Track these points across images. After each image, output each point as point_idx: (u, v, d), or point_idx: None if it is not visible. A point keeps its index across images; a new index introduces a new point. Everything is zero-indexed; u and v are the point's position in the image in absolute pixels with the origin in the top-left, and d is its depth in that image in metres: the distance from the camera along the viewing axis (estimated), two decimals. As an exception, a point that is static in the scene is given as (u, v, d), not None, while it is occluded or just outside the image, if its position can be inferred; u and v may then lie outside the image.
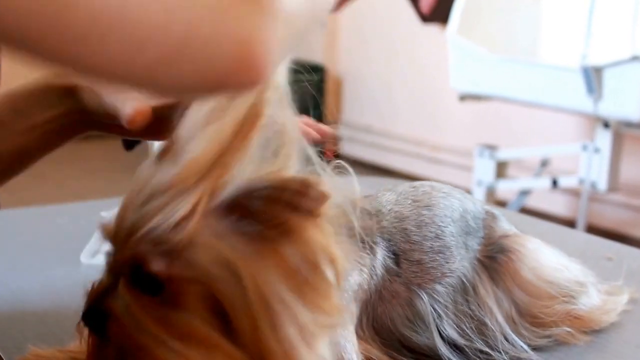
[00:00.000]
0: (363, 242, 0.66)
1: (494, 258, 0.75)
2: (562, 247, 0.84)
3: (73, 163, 4.37)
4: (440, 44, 3.83)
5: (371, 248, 0.68)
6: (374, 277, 0.68)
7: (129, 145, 1.39)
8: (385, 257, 0.70)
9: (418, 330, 0.70)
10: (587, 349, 0.76)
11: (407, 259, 0.71)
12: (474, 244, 0.75)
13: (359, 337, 0.66)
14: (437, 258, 0.72)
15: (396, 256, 0.70)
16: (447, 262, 0.72)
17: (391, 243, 0.70)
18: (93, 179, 3.97)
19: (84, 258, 0.96)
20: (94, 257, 0.96)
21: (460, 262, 0.73)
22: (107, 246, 0.57)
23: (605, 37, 2.91)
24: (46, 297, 0.66)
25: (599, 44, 2.84)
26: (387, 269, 0.69)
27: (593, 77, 2.67)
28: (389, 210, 0.72)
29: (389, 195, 0.75)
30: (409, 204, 0.74)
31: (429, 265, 0.71)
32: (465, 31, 3.11)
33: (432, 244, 0.72)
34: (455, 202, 0.76)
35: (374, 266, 0.68)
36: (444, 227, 0.73)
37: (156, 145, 1.40)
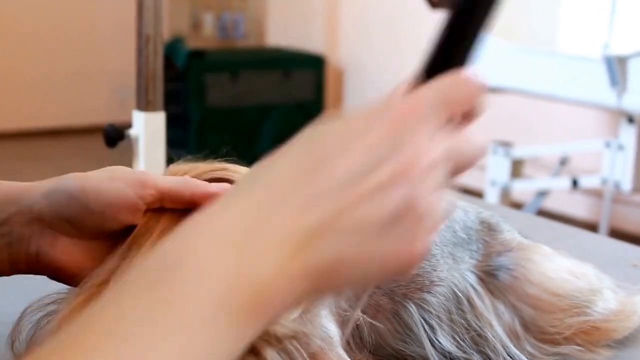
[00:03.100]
0: None
1: (495, 276, 0.75)
2: (582, 252, 0.84)
3: (48, 161, 4.38)
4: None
5: None
6: (342, 294, 0.68)
7: (112, 141, 1.40)
8: None
9: (409, 342, 0.69)
10: (609, 364, 0.76)
11: None
12: (465, 256, 0.74)
13: (352, 359, 0.66)
14: (422, 265, 0.71)
15: None
16: (435, 270, 0.71)
17: None
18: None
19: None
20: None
21: (449, 271, 0.72)
22: None
23: (629, 24, 2.91)
24: (22, 306, 0.67)
25: (623, 32, 2.84)
26: None
27: (616, 68, 2.67)
28: None
29: None
30: None
31: (413, 273, 0.71)
32: (478, 18, 3.11)
33: None
34: None
35: None
36: None
37: (141, 144, 1.40)
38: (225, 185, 0.65)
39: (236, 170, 0.68)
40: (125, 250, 0.62)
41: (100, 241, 0.64)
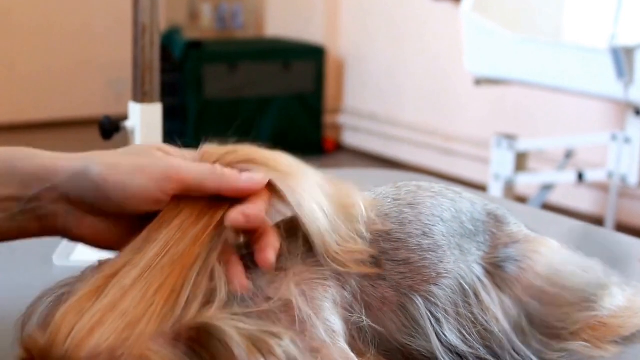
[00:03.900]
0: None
1: (502, 267, 0.75)
2: (588, 247, 0.83)
3: (44, 154, 4.38)
4: (453, 22, 3.82)
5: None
6: (347, 286, 0.68)
7: (107, 133, 1.40)
8: None
9: (416, 336, 0.70)
10: (616, 360, 0.76)
11: (391, 259, 0.70)
12: (472, 248, 0.74)
13: (357, 353, 0.66)
14: (428, 256, 0.71)
15: (374, 258, 0.70)
16: (441, 262, 0.71)
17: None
18: (67, 172, 3.97)
19: (58, 259, 0.96)
20: (69, 258, 0.96)
21: (456, 263, 0.72)
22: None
23: (636, 14, 2.90)
24: (15, 302, 0.67)
25: (630, 23, 2.84)
26: (364, 274, 0.69)
27: (623, 59, 2.67)
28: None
29: (365, 195, 0.75)
30: (389, 202, 0.74)
31: (420, 265, 0.71)
32: (482, 8, 3.11)
33: (419, 241, 0.71)
34: (446, 202, 0.75)
35: (341, 275, 0.68)
36: (432, 225, 0.73)
37: (137, 137, 1.40)
38: (257, 177, 0.66)
39: (268, 161, 0.68)
40: (139, 242, 0.63)
41: (127, 219, 0.66)
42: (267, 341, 0.60)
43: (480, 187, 3.13)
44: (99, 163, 0.65)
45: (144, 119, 1.40)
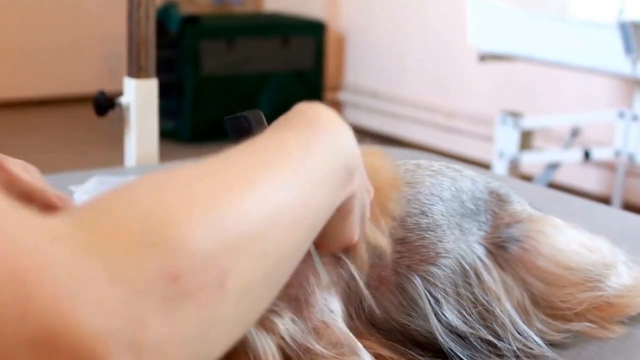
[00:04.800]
0: None
1: (504, 248, 0.75)
2: (595, 226, 0.84)
3: (37, 131, 4.37)
4: (457, -3, 3.81)
5: None
6: (343, 265, 0.68)
7: (102, 109, 1.39)
8: None
9: (414, 316, 0.70)
10: (624, 341, 0.76)
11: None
12: (473, 227, 0.74)
13: (355, 333, 0.66)
14: (427, 236, 0.71)
15: None
16: (441, 241, 0.72)
17: None
18: (59, 149, 3.97)
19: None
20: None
21: (456, 243, 0.72)
22: None
23: (645, -12, 2.89)
24: None
25: (639, -4, 2.83)
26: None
27: (631, 35, 2.66)
28: None
29: None
30: None
31: (418, 244, 0.71)
32: (486, -19, 3.10)
33: (417, 221, 0.72)
34: (446, 181, 0.76)
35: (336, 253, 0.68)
36: (431, 205, 0.73)
37: (132, 114, 1.40)
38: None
39: None
40: None
41: None
42: (270, 318, 0.60)
43: (484, 166, 3.12)
44: None
45: (140, 95, 1.39)
